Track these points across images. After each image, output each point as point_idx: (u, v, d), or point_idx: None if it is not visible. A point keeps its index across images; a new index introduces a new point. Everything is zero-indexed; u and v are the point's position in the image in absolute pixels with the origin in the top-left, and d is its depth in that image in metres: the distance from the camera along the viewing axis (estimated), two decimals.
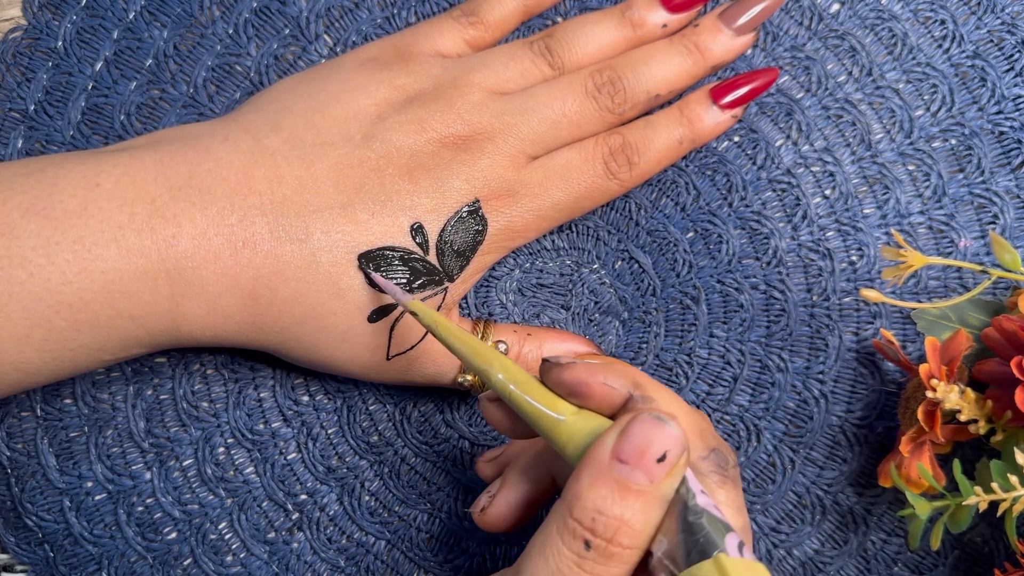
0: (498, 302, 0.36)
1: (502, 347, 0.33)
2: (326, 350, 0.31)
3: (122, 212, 0.28)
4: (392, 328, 0.31)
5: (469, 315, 0.36)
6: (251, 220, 0.29)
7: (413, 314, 0.29)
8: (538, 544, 0.24)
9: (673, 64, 0.33)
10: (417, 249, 0.31)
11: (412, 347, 0.32)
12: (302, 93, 0.32)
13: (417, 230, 0.31)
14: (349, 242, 0.30)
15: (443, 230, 0.31)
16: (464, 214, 0.31)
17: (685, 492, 0.23)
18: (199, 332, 0.30)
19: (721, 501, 0.25)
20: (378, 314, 0.31)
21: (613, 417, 0.25)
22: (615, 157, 0.33)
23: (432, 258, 0.31)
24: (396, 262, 0.31)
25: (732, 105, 0.34)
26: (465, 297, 0.36)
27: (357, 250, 0.30)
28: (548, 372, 0.26)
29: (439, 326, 0.28)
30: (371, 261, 0.30)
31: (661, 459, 0.23)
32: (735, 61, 0.36)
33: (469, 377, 0.33)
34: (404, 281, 0.31)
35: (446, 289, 0.32)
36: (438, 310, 0.32)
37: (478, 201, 0.31)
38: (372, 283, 0.30)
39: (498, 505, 0.29)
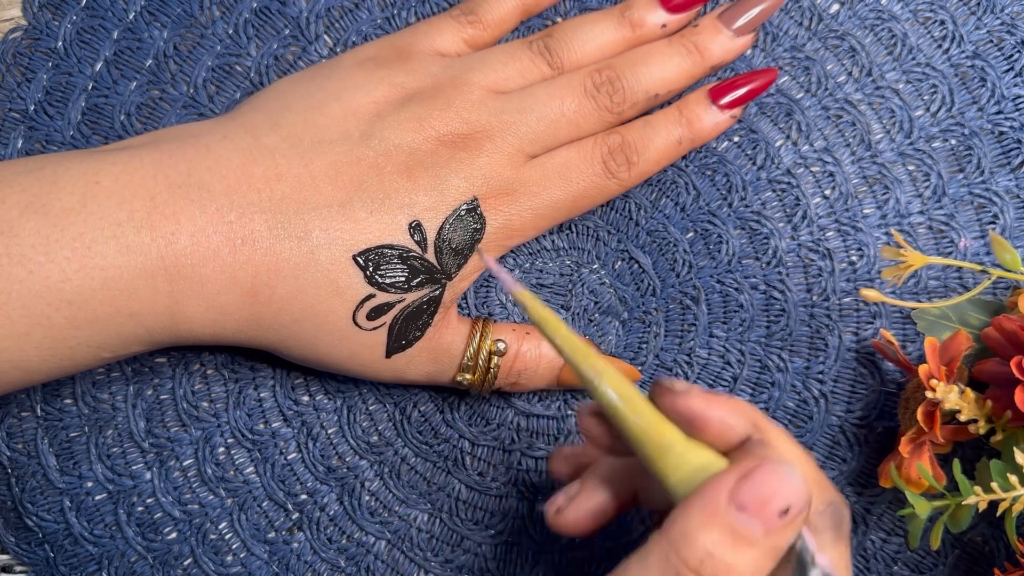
0: (498, 302, 0.36)
1: (501, 346, 0.33)
2: (325, 348, 0.31)
3: (121, 209, 0.28)
4: (391, 326, 0.31)
5: (469, 315, 0.36)
6: (250, 217, 0.29)
7: (523, 306, 0.26)
8: None
9: (672, 64, 0.33)
10: (415, 247, 0.31)
11: (411, 345, 0.32)
12: (301, 92, 0.32)
13: (415, 228, 0.31)
14: (347, 240, 0.30)
15: (441, 228, 0.31)
16: (462, 212, 0.31)
17: (800, 546, 0.22)
18: (198, 329, 0.30)
19: (834, 560, 0.23)
20: (377, 312, 0.31)
21: (725, 454, 0.24)
22: (614, 156, 0.33)
23: (430, 256, 0.31)
24: (395, 260, 0.31)
25: (731, 105, 0.34)
26: (464, 297, 0.36)
27: (355, 248, 0.30)
28: (662, 396, 0.25)
29: (547, 324, 0.26)
30: (369, 259, 0.30)
31: (784, 512, 0.22)
32: (735, 61, 0.36)
33: (468, 376, 0.33)
34: (402, 279, 0.31)
35: (444, 287, 0.32)
36: (436, 309, 0.32)
37: (476, 199, 0.31)
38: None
39: (576, 510, 0.27)
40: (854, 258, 0.36)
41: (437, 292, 0.32)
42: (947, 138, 0.36)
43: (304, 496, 0.36)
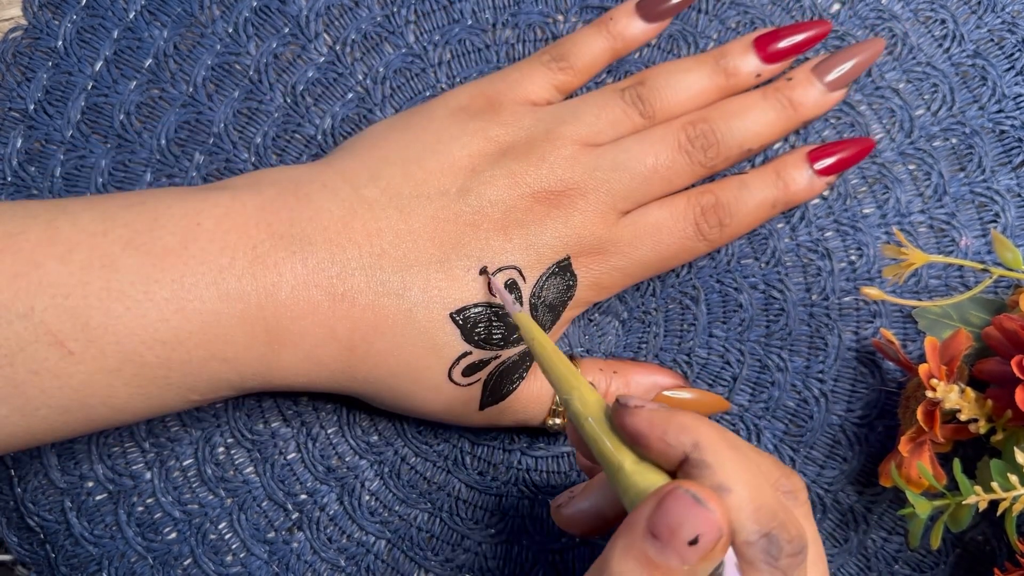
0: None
1: None
2: (419, 401, 0.32)
3: (223, 255, 0.28)
4: (487, 382, 0.32)
5: None
6: (350, 273, 0.30)
7: (519, 325, 0.29)
8: None
9: (768, 119, 0.33)
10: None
11: (504, 399, 0.32)
12: (397, 142, 0.32)
13: (511, 286, 0.31)
14: (445, 298, 0.30)
15: (536, 285, 0.31)
16: (556, 270, 0.32)
17: None
18: (291, 378, 0.30)
19: None
20: (472, 369, 0.31)
21: (674, 473, 0.23)
22: (707, 217, 0.33)
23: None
24: (493, 318, 0.31)
25: (828, 171, 0.34)
26: None
27: (453, 306, 0.30)
28: (615, 414, 0.24)
29: (536, 343, 0.28)
30: (467, 317, 0.30)
31: (693, 542, 0.21)
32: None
33: (559, 420, 0.33)
34: (498, 337, 0.31)
35: None
36: (530, 363, 0.32)
37: (568, 258, 0.32)
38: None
39: (571, 508, 0.28)
40: (853, 258, 0.36)
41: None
42: (948, 137, 0.36)
43: (304, 496, 0.36)
